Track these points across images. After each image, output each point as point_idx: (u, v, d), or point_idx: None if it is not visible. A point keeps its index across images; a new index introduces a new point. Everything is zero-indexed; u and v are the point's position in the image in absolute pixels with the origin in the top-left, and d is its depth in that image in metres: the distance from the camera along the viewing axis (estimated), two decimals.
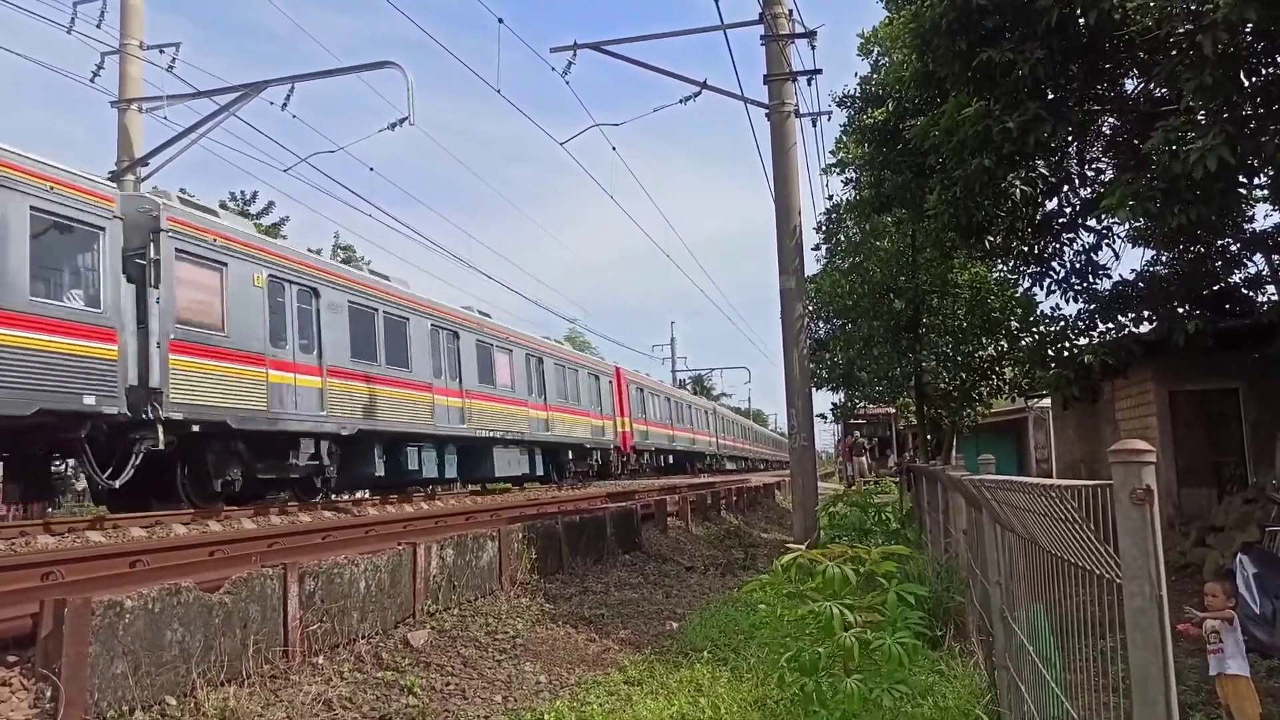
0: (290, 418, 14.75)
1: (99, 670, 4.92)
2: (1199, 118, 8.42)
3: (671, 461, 42.43)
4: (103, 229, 11.73)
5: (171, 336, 12.47)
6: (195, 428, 12.83)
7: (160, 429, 12.13)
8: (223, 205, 17.90)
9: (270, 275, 14.68)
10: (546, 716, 6.00)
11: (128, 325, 12.03)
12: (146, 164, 18.02)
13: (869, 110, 15.80)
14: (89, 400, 11.16)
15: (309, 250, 17.62)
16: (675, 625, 9.27)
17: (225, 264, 13.72)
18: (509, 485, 25.10)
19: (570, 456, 28.69)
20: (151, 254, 12.30)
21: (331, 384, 15.76)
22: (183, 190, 16.74)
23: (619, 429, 32.96)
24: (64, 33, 17.15)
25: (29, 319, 10.59)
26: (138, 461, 12.09)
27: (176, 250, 12.76)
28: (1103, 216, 12.23)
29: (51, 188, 11.02)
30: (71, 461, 13.67)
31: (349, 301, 16.85)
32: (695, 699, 6.20)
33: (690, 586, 11.83)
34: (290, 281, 15.24)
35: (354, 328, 16.76)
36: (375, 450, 17.48)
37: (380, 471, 17.67)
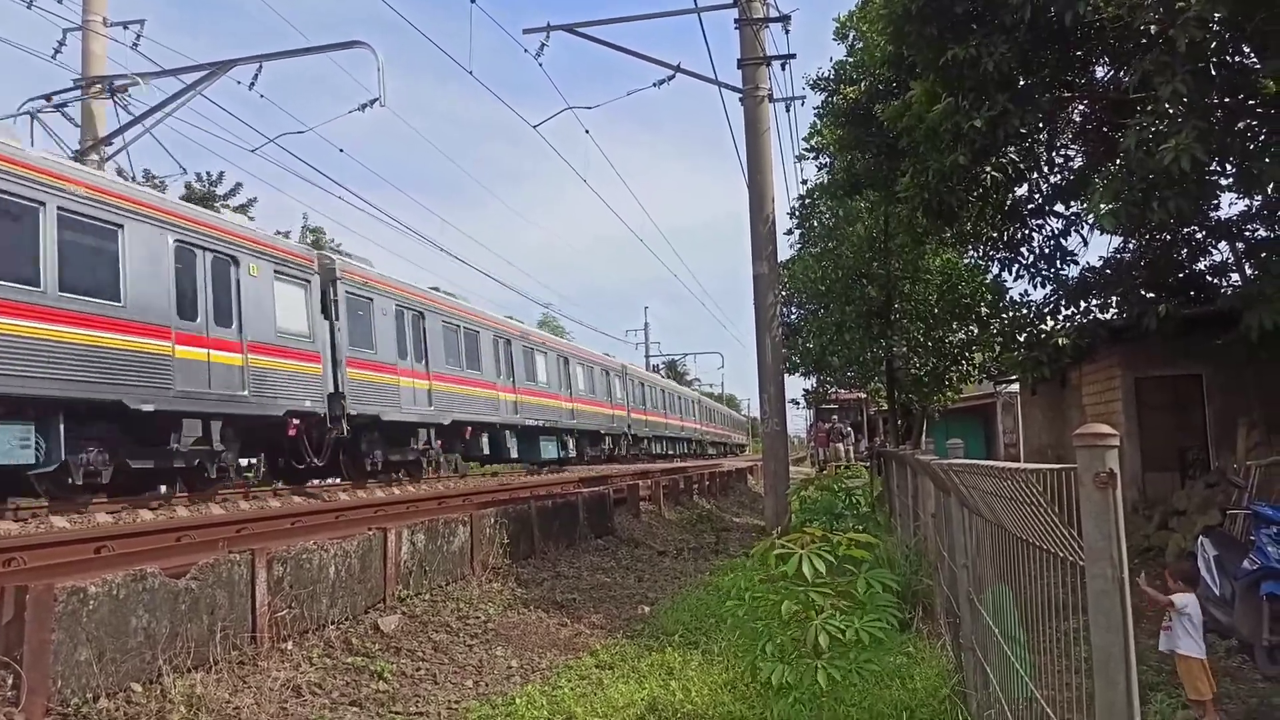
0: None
1: (62, 657, 4.86)
2: (1168, 109, 8.49)
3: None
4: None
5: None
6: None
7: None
8: (188, 186, 18.10)
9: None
10: (518, 700, 6.00)
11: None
12: (110, 143, 17.70)
13: (842, 89, 15.80)
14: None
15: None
16: (647, 609, 9.31)
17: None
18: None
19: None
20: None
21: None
22: (146, 171, 16.61)
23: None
24: (24, 8, 16.74)
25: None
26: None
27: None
28: (1071, 203, 12.33)
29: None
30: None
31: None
32: (666, 682, 6.24)
33: (662, 571, 11.88)
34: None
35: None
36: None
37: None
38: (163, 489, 13.56)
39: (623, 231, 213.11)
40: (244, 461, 15.77)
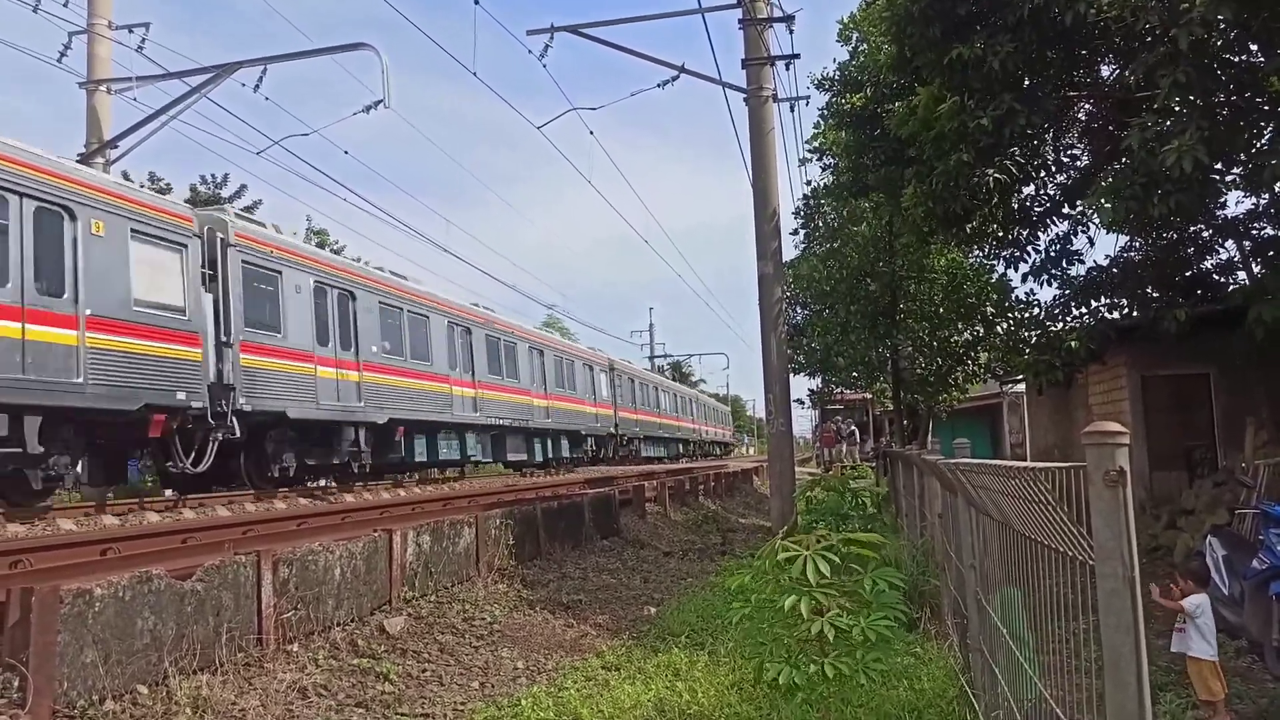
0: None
1: (68, 659, 4.86)
2: (1175, 107, 8.47)
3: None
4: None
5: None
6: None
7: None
8: (193, 189, 18.07)
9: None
10: (524, 702, 5.99)
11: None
12: (116, 146, 17.74)
13: (847, 95, 15.79)
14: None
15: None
16: (653, 610, 9.29)
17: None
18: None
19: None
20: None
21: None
22: (152, 173, 16.60)
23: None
24: (30, 12, 16.79)
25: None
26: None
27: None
28: (1077, 203, 12.29)
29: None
30: None
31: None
32: (673, 684, 6.22)
33: (668, 572, 11.86)
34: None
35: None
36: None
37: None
38: None
39: (626, 232, 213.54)
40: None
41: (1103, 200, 9.14)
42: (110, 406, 11.58)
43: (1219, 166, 9.38)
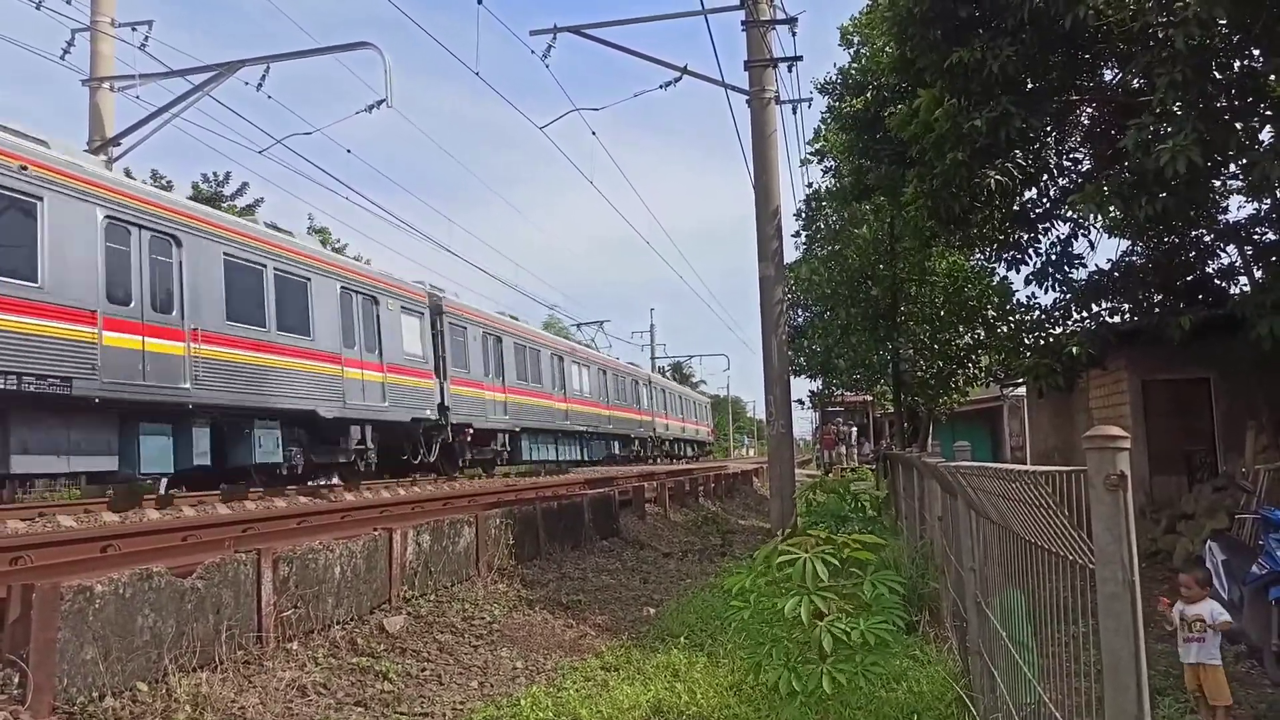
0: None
1: (68, 656, 4.86)
2: (1174, 109, 8.48)
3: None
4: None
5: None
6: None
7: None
8: (195, 186, 18.20)
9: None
10: (523, 702, 5.99)
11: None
12: (119, 144, 17.76)
13: (849, 98, 15.80)
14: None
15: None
16: (652, 611, 9.29)
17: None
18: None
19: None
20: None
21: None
22: (154, 171, 16.65)
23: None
24: (33, 9, 16.79)
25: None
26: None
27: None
28: (1067, 202, 12.31)
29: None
30: None
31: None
32: (672, 684, 6.22)
33: (668, 572, 11.86)
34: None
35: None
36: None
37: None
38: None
39: (628, 232, 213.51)
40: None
41: (1089, 200, 9.15)
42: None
43: (1218, 170, 9.39)
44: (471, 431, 22.21)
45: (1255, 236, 11.55)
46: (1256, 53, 9.17)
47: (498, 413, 24.19)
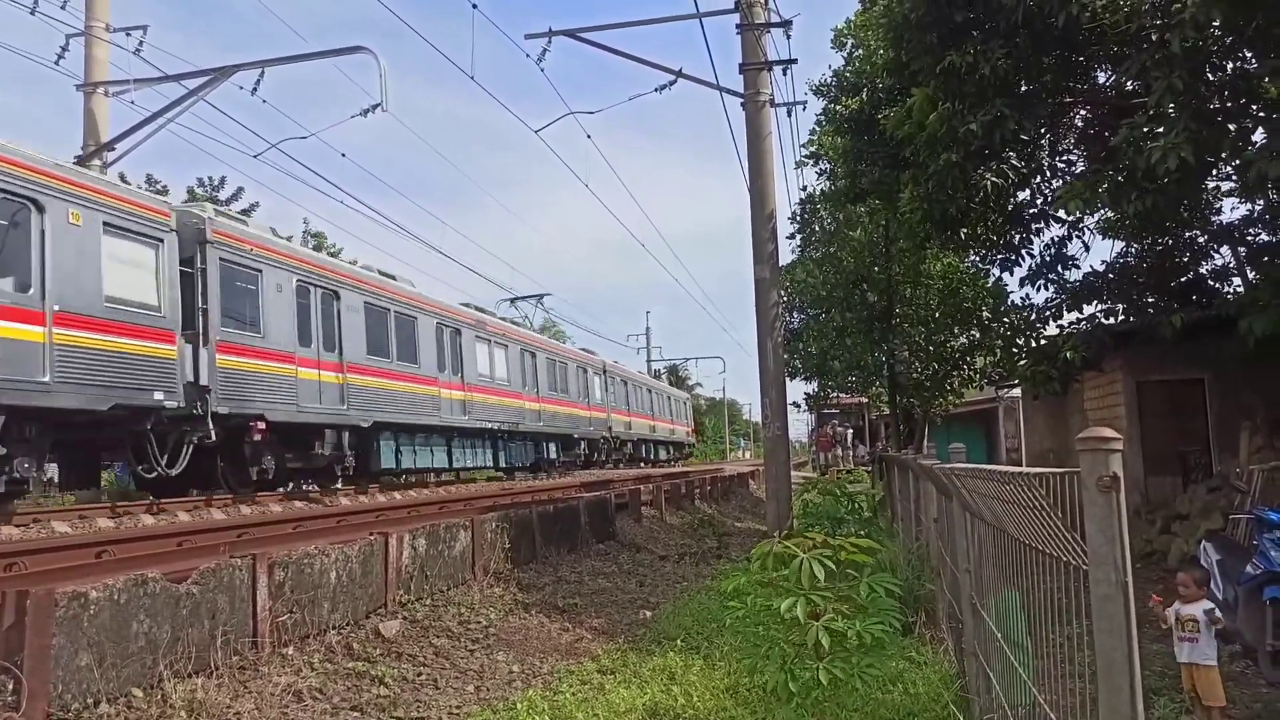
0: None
1: (63, 662, 4.85)
2: (1168, 111, 8.51)
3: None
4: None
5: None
6: None
7: None
8: (190, 191, 17.92)
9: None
10: (519, 706, 5.99)
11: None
12: (113, 149, 17.73)
13: (843, 99, 15.82)
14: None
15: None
16: (649, 614, 9.29)
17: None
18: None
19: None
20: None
21: None
22: (149, 175, 16.63)
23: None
24: (27, 14, 16.78)
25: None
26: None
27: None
28: (1064, 208, 12.36)
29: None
30: None
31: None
32: (668, 687, 6.22)
33: (664, 575, 11.86)
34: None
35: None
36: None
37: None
38: None
39: (624, 235, 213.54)
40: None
41: (1077, 196, 9.19)
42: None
43: (1210, 170, 9.43)
44: (263, 427, 15.01)
45: (1248, 238, 11.60)
46: (1249, 54, 9.22)
47: (324, 399, 16.75)
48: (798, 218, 22.37)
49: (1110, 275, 12.46)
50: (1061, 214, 12.38)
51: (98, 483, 15.60)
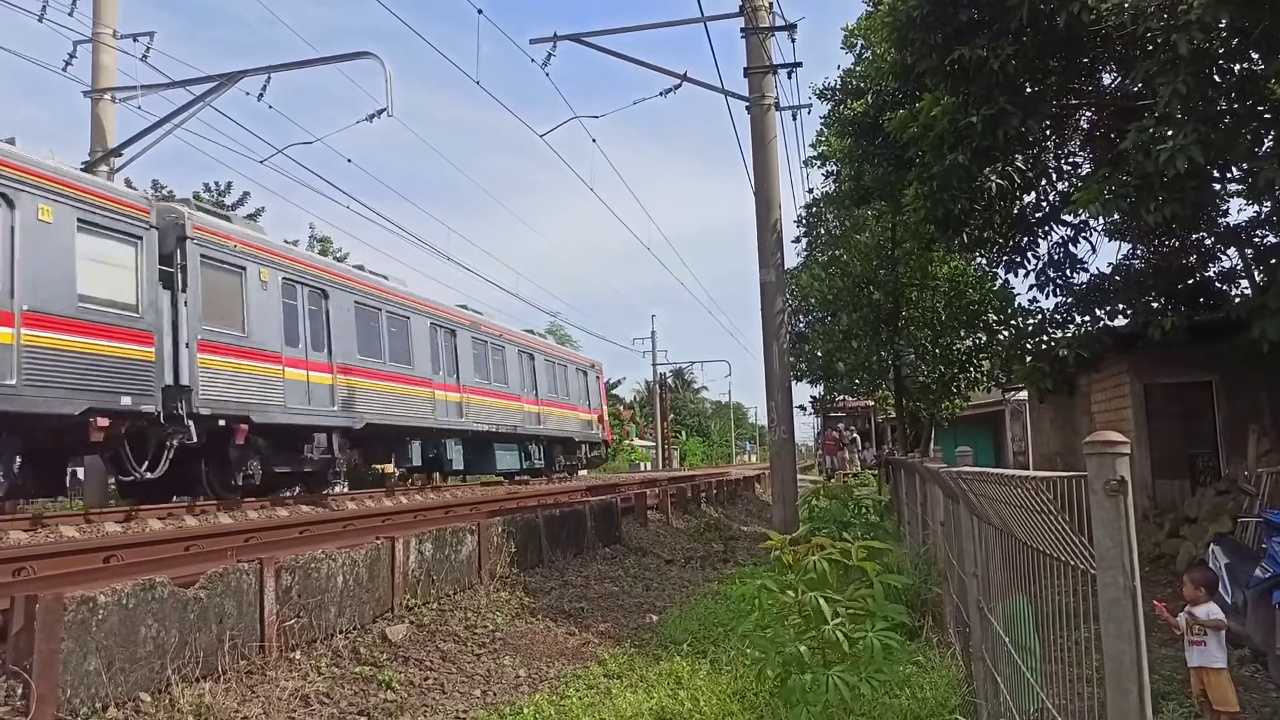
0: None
1: (71, 667, 4.86)
2: (1175, 114, 8.50)
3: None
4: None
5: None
6: None
7: None
8: (196, 196, 17.81)
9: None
10: (526, 710, 5.99)
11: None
12: (120, 154, 17.81)
13: (849, 102, 15.82)
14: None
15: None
16: (655, 618, 9.28)
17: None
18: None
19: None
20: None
21: None
22: (155, 181, 16.69)
23: None
24: (35, 20, 16.86)
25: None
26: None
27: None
28: (1079, 210, 12.34)
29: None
30: None
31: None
32: (675, 692, 6.21)
33: (670, 579, 11.85)
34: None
35: None
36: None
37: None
38: None
39: (629, 239, 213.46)
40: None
41: (1092, 200, 9.17)
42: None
43: (1218, 173, 9.41)
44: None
45: (1256, 239, 11.56)
46: (1256, 56, 9.19)
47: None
48: (803, 221, 22.37)
49: (1117, 278, 12.43)
50: (1069, 217, 12.38)
51: (64, 490, 14.98)
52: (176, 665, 5.48)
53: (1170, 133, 8.25)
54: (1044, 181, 12.01)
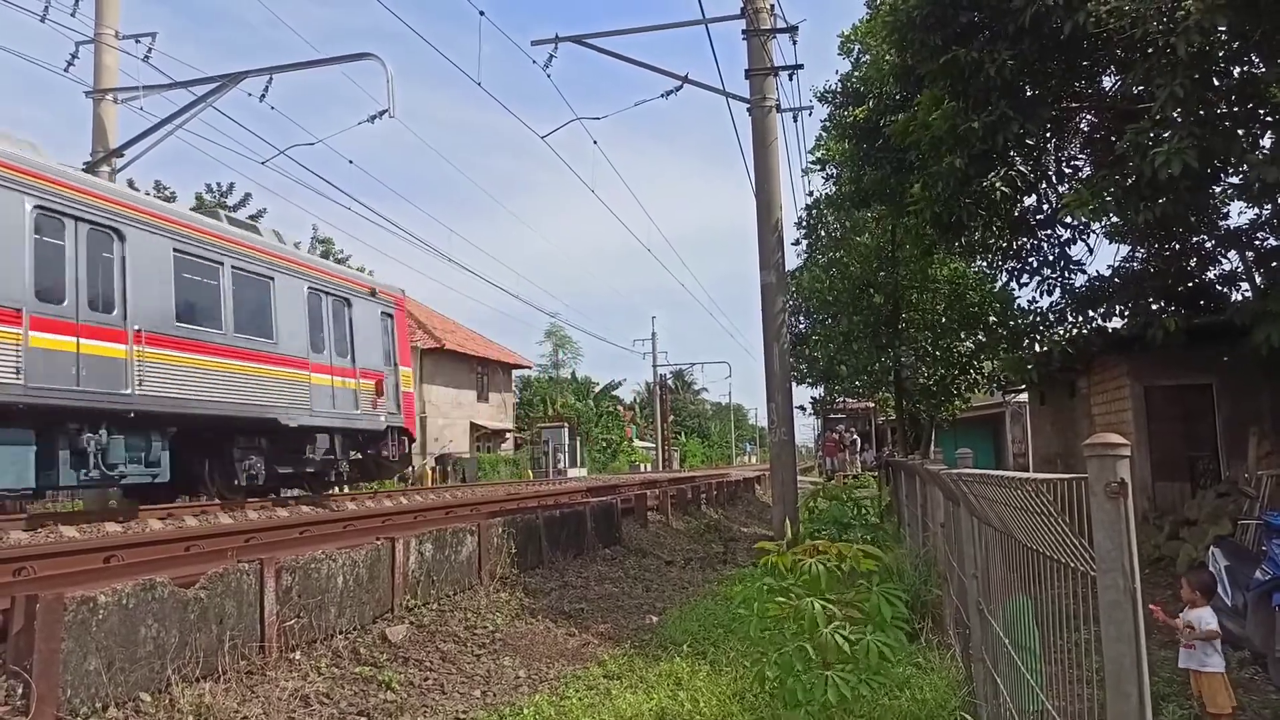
0: None
1: (72, 667, 4.87)
2: (1174, 116, 8.50)
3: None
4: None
5: None
6: None
7: None
8: (198, 197, 17.34)
9: None
10: (526, 711, 5.99)
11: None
12: (122, 155, 17.82)
13: (850, 107, 15.83)
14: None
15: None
16: (655, 619, 9.28)
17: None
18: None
19: None
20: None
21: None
22: (157, 182, 16.58)
23: None
24: (37, 21, 16.87)
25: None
26: None
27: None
28: (1073, 212, 12.35)
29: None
30: None
31: None
32: (674, 692, 6.22)
33: (670, 580, 11.85)
34: None
35: None
36: None
37: None
38: None
39: (630, 240, 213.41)
40: None
41: (1083, 203, 9.18)
42: None
43: (1217, 175, 9.40)
44: None
45: (1256, 242, 11.56)
46: (1255, 59, 9.19)
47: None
48: (804, 222, 22.37)
49: (1116, 280, 12.43)
50: (1069, 218, 12.38)
51: None
52: (176, 665, 5.49)
53: (1166, 135, 8.25)
54: (1044, 184, 12.01)
